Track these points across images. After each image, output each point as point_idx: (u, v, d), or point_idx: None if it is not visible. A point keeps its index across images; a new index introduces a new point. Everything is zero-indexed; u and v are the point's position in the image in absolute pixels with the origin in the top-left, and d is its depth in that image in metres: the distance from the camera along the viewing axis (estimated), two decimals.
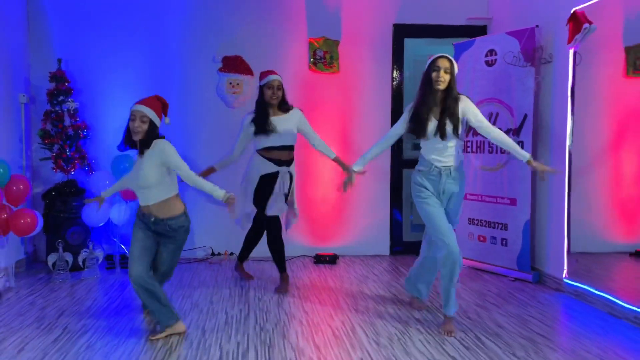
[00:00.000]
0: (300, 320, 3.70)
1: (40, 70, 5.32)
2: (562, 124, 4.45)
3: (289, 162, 4.39)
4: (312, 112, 5.30)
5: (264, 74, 4.38)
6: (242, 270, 4.80)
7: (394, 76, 5.79)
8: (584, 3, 4.16)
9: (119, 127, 5.34)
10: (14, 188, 4.49)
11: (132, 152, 5.11)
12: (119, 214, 5.04)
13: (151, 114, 3.26)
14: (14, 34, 5.12)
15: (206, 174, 4.36)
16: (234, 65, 5.59)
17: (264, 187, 4.34)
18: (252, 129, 4.34)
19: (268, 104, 4.32)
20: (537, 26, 4.68)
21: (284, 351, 3.15)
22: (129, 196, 4.98)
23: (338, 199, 5.69)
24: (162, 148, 3.26)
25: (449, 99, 3.44)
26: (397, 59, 5.79)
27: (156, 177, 3.27)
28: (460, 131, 3.46)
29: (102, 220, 5.01)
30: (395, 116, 5.80)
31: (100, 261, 5.04)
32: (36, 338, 3.34)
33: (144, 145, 3.28)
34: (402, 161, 5.86)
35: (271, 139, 4.31)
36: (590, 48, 4.22)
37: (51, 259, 4.84)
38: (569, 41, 4.26)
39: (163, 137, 3.36)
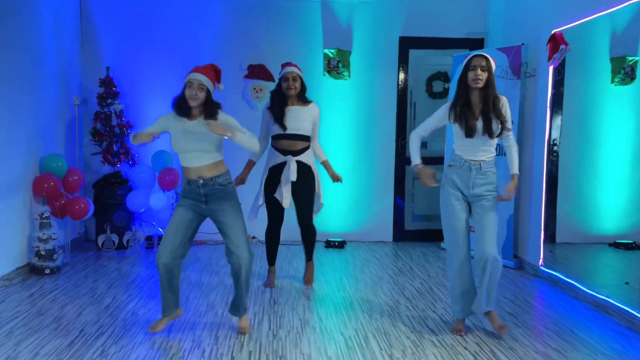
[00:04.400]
0: (307, 296, 4.14)
1: (91, 76, 5.81)
2: (542, 130, 4.78)
3: (297, 152, 4.20)
4: (327, 113, 5.72)
5: (282, 66, 4.28)
6: (270, 274, 4.45)
7: (399, 83, 6.16)
8: (563, 26, 4.48)
9: None
10: (70, 179, 5.01)
11: (169, 146, 5.61)
12: (157, 201, 5.54)
13: (208, 83, 3.21)
14: (70, 45, 5.61)
15: (248, 167, 4.33)
16: (258, 72, 6.02)
17: (273, 180, 4.22)
18: (268, 115, 4.25)
19: (285, 95, 4.20)
20: (523, 44, 5.00)
21: None
22: (166, 186, 5.46)
23: (347, 190, 6.10)
24: (225, 117, 3.28)
25: (490, 96, 3.25)
26: (403, 68, 6.15)
27: (215, 142, 3.25)
28: (507, 126, 3.31)
29: (143, 207, 5.51)
30: (401, 116, 6.18)
31: (141, 242, 5.55)
32: (91, 305, 3.85)
33: (208, 114, 3.20)
34: (405, 158, 6.24)
35: (282, 127, 4.16)
36: (580, 59, 4.47)
37: (100, 239, 5.37)
38: (549, 59, 4.58)
39: (219, 104, 3.28)
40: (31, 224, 4.68)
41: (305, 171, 4.22)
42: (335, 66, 6.04)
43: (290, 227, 4.69)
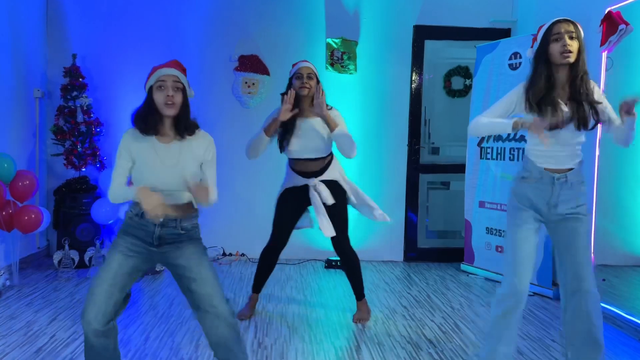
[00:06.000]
0: (302, 336, 3.22)
1: (57, 65, 4.92)
2: (590, 133, 3.87)
3: (319, 172, 3.42)
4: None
5: (293, 65, 3.44)
6: (250, 302, 3.57)
7: (413, 79, 5.26)
8: (619, 3, 3.59)
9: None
10: (20, 184, 4.11)
11: None
12: None
13: (185, 80, 2.27)
14: (32, 28, 4.73)
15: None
16: (250, 64, 5.12)
17: (291, 202, 3.45)
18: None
19: (298, 99, 3.32)
20: None
21: None
22: None
23: None
24: (210, 143, 2.32)
25: (579, 74, 2.37)
26: (417, 61, 5.26)
27: (194, 177, 2.23)
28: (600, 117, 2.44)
29: (112, 218, 4.60)
30: (414, 116, 5.27)
31: None
32: (20, 347, 2.92)
33: (185, 128, 2.24)
34: (419, 166, 5.32)
35: (294, 148, 3.35)
36: (621, 49, 3.68)
37: (57, 256, 4.45)
38: (602, 43, 3.68)
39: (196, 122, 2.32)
40: None
41: (333, 189, 3.40)
42: (340, 58, 5.15)
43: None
